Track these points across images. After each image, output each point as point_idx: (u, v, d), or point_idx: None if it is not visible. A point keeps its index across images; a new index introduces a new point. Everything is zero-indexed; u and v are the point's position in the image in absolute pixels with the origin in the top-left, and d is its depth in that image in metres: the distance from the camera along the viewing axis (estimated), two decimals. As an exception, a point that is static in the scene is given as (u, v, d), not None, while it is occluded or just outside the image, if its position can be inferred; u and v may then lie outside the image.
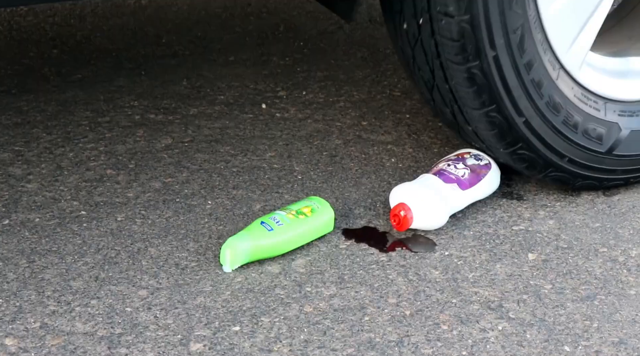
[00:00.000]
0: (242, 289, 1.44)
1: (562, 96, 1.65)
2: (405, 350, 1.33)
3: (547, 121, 1.64)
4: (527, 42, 1.58)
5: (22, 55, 2.42)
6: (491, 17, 1.52)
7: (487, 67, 1.56)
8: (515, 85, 1.59)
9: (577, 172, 1.71)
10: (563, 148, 1.67)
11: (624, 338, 1.37)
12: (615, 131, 1.71)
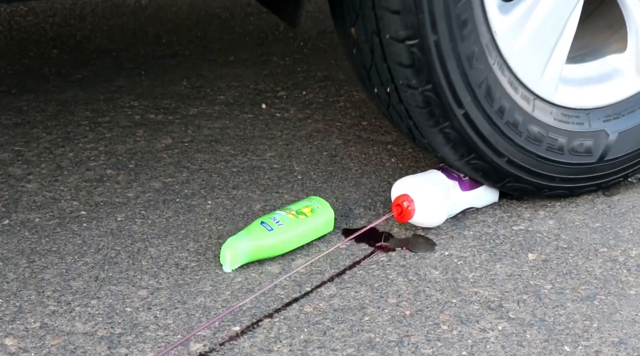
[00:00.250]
0: (242, 289, 1.44)
1: (542, 124, 1.64)
2: (405, 350, 1.33)
3: (531, 153, 1.63)
4: (494, 91, 1.57)
5: (22, 55, 2.42)
6: (454, 81, 1.51)
7: (459, 125, 1.56)
8: (491, 132, 1.58)
9: (568, 186, 1.72)
10: (553, 171, 1.67)
11: (624, 338, 1.37)
12: (603, 138, 1.70)
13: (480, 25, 1.52)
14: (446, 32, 1.47)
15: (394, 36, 1.47)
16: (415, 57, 1.48)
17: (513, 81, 1.60)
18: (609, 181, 1.75)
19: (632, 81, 1.74)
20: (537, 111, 1.63)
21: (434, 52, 1.48)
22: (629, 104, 1.74)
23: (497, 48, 1.56)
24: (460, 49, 1.49)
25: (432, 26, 1.46)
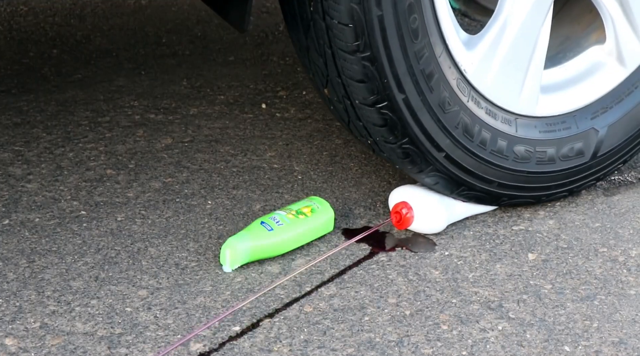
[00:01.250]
0: (242, 289, 1.44)
1: (528, 141, 1.63)
2: (405, 350, 1.33)
3: (521, 172, 1.63)
4: (472, 126, 1.56)
5: (22, 55, 2.42)
6: (429, 129, 1.51)
7: (442, 167, 1.56)
8: (477, 165, 1.58)
9: (566, 189, 1.72)
10: (547, 182, 1.67)
11: (624, 338, 1.37)
12: (592, 136, 1.69)
13: (448, 70, 1.51)
14: (413, 89, 1.47)
15: (363, 102, 1.48)
16: (387, 117, 1.49)
17: (491, 109, 1.58)
18: (607, 172, 1.75)
19: (616, 71, 1.72)
20: (521, 129, 1.62)
21: (405, 110, 1.48)
22: (615, 95, 1.72)
23: (469, 84, 1.55)
24: (430, 99, 1.49)
25: (398, 87, 1.46)
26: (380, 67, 1.44)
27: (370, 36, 1.41)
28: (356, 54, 1.43)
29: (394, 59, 1.44)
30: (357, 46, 1.42)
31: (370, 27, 1.41)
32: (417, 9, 1.44)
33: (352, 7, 1.39)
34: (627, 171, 1.87)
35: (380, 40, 1.42)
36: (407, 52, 1.44)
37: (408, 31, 1.44)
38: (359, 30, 1.41)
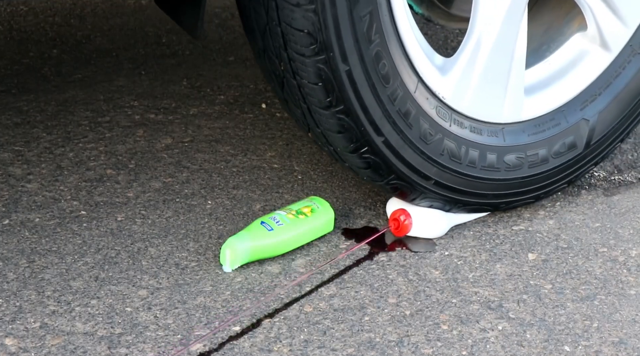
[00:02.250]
0: (242, 289, 1.44)
1: (518, 148, 1.62)
2: (405, 350, 1.33)
3: (515, 179, 1.63)
4: (458, 149, 1.55)
5: (22, 55, 2.42)
6: (414, 163, 1.52)
7: (433, 193, 1.56)
8: (467, 184, 1.58)
9: (563, 182, 1.71)
10: (542, 181, 1.66)
11: (624, 338, 1.37)
12: (583, 127, 1.68)
13: (425, 102, 1.50)
14: (392, 130, 1.48)
15: (344, 149, 1.49)
16: (369, 160, 1.50)
17: (475, 126, 1.58)
18: (604, 156, 1.73)
19: (601, 57, 1.69)
20: (509, 137, 1.61)
21: (386, 151, 1.49)
22: (603, 81, 1.69)
23: (449, 108, 1.54)
24: (411, 135, 1.49)
25: (376, 131, 1.46)
26: (355, 117, 1.44)
27: (341, 91, 1.41)
28: (330, 109, 1.44)
29: (368, 107, 1.44)
30: (330, 102, 1.42)
31: (339, 82, 1.41)
32: (384, 54, 1.43)
33: (319, 67, 1.39)
34: (627, 171, 1.87)
35: (352, 92, 1.42)
36: (380, 98, 1.44)
37: (378, 78, 1.43)
38: (329, 88, 1.41)
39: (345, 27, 1.38)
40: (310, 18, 1.36)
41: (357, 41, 1.39)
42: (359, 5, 1.37)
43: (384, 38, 1.42)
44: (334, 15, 1.36)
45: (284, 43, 1.40)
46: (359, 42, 1.39)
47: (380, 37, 1.42)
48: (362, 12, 1.38)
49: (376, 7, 1.40)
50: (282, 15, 1.37)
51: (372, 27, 1.40)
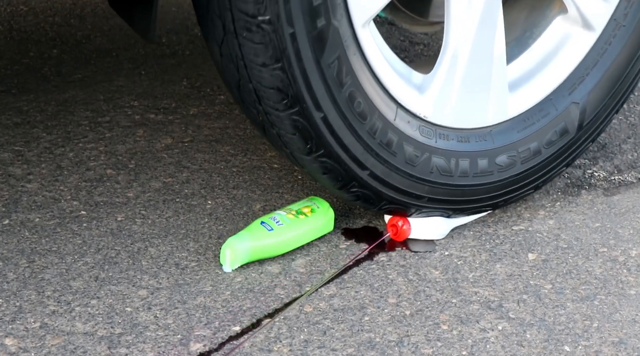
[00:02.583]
0: (242, 289, 1.44)
1: (509, 147, 1.60)
2: (405, 350, 1.33)
3: (510, 177, 1.62)
4: (446, 166, 1.54)
5: (22, 55, 2.42)
6: (397, 185, 1.52)
7: (427, 208, 1.57)
8: (462, 193, 1.58)
9: (559, 169, 1.69)
10: (538, 171, 1.65)
11: (624, 338, 1.37)
12: (574, 111, 1.65)
13: (407, 126, 1.50)
14: (376, 162, 1.48)
15: (333, 187, 1.50)
16: (358, 194, 1.51)
17: (462, 135, 1.57)
18: (599, 132, 1.70)
19: (585, 37, 1.65)
20: (498, 138, 1.60)
21: (373, 182, 1.50)
22: (589, 61, 1.66)
23: (433, 125, 1.53)
24: (396, 162, 1.50)
25: (360, 166, 1.47)
26: (337, 158, 1.45)
27: (319, 137, 1.42)
28: (311, 154, 1.44)
29: (349, 146, 1.44)
30: (310, 148, 1.43)
31: (316, 129, 1.41)
32: (358, 93, 1.43)
33: (294, 118, 1.39)
34: (627, 171, 1.87)
35: (330, 136, 1.42)
36: (359, 135, 1.44)
37: (355, 117, 1.43)
38: (307, 136, 1.41)
39: (315, 77, 1.37)
40: (279, 76, 1.36)
41: (328, 88, 1.39)
42: (326, 54, 1.37)
43: (355, 77, 1.42)
44: (301, 69, 1.35)
45: (258, 98, 1.40)
46: (331, 88, 1.39)
47: (352, 78, 1.41)
48: (329, 60, 1.37)
49: (344, 51, 1.39)
50: (251, 74, 1.37)
51: (342, 70, 1.40)
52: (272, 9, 1.30)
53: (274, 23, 1.31)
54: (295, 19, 1.32)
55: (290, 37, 1.33)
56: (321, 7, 1.34)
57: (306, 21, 1.33)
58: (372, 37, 1.45)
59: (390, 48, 1.53)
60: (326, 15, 1.35)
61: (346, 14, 1.38)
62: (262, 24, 1.32)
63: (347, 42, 1.39)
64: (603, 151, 1.92)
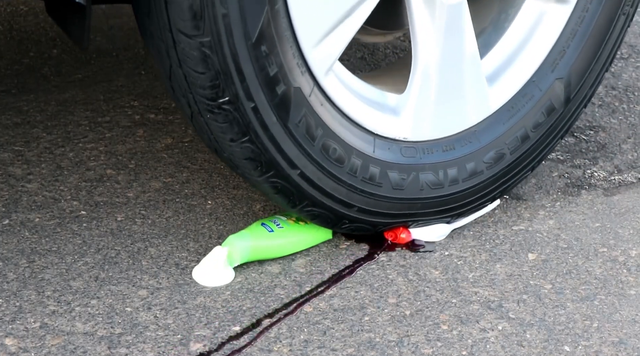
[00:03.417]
0: (242, 289, 1.44)
1: (496, 142, 1.58)
2: (405, 350, 1.33)
3: (499, 172, 1.60)
4: (437, 177, 1.53)
5: (22, 55, 2.42)
6: (396, 209, 1.53)
7: (425, 213, 1.56)
8: (453, 200, 1.57)
9: (549, 145, 1.65)
10: (530, 155, 1.62)
11: (624, 338, 1.37)
12: (558, 86, 1.61)
13: (387, 153, 1.49)
14: (362, 199, 1.48)
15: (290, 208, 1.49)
16: (352, 228, 1.53)
17: (447, 143, 1.54)
18: (588, 100, 1.65)
19: (560, 11, 1.60)
20: (484, 136, 1.58)
21: (365, 216, 1.50)
22: (568, 33, 1.61)
23: (415, 143, 1.52)
24: (383, 192, 1.50)
25: (348, 206, 1.47)
26: (322, 205, 1.46)
27: (300, 192, 1.44)
28: (297, 207, 1.45)
29: (331, 192, 1.45)
30: (294, 202, 1.44)
31: (296, 186, 1.43)
32: (332, 140, 1.42)
33: (272, 180, 1.41)
34: (627, 171, 1.87)
35: (311, 188, 1.44)
36: (340, 179, 1.45)
37: (332, 163, 1.43)
38: (288, 193, 1.43)
39: (285, 140, 1.38)
40: (249, 148, 1.37)
41: (300, 146, 1.39)
42: (292, 116, 1.37)
43: (326, 126, 1.41)
44: (270, 137, 1.36)
45: (235, 166, 1.43)
46: (303, 146, 1.39)
47: (323, 128, 1.41)
48: (296, 120, 1.37)
49: (309, 106, 1.39)
50: (223, 147, 1.39)
51: (311, 125, 1.39)
52: (230, 90, 1.31)
53: (234, 102, 1.32)
54: (254, 93, 1.32)
55: (252, 111, 1.33)
56: (278, 75, 1.34)
57: (266, 92, 1.33)
58: (337, 78, 1.44)
59: (359, 77, 1.51)
60: (285, 80, 1.35)
61: (307, 69, 1.37)
62: (223, 105, 1.32)
63: (312, 96, 1.39)
64: (603, 151, 1.92)
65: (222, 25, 1.26)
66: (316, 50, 1.37)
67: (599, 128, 2.00)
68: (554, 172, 1.84)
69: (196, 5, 1.25)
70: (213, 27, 1.26)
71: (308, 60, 1.37)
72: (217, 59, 1.28)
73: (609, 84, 2.20)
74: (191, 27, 1.27)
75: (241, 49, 1.29)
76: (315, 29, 1.35)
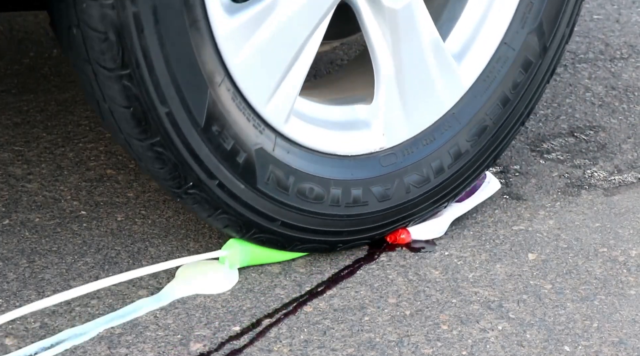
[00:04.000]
0: (242, 289, 1.44)
1: (476, 120, 1.53)
2: (405, 350, 1.33)
3: (485, 144, 1.56)
4: (422, 173, 1.51)
5: (22, 55, 2.42)
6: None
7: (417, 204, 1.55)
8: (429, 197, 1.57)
9: (528, 108, 1.61)
10: (514, 116, 1.57)
11: (624, 338, 1.37)
12: (532, 39, 1.52)
13: (366, 172, 1.48)
14: (351, 220, 1.48)
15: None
16: (339, 246, 1.52)
17: (426, 135, 1.52)
18: (569, 38, 1.58)
19: None
20: (464, 116, 1.53)
21: (357, 235, 1.51)
22: None
23: (394, 148, 1.49)
24: (373, 208, 1.49)
25: (337, 235, 1.49)
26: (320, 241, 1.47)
27: (288, 239, 1.46)
28: (246, 234, 1.44)
29: (318, 227, 1.46)
30: (250, 234, 1.44)
31: (285, 237, 1.45)
32: (309, 182, 1.42)
33: (256, 237, 1.42)
34: (627, 171, 1.87)
35: (298, 234, 1.46)
36: (325, 214, 1.45)
37: (312, 203, 1.43)
38: (243, 228, 1.43)
39: (257, 200, 1.38)
40: (225, 218, 1.39)
41: (274, 200, 1.40)
42: (259, 178, 1.37)
43: (298, 172, 1.41)
44: (243, 204, 1.38)
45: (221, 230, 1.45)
46: (277, 198, 1.40)
47: (295, 174, 1.40)
48: (264, 179, 1.37)
49: (275, 160, 1.38)
50: (206, 222, 1.42)
51: (281, 177, 1.39)
52: (191, 176, 1.32)
53: (198, 185, 1.33)
54: (215, 171, 1.33)
55: (218, 187, 1.35)
56: (236, 145, 1.34)
57: (227, 166, 1.34)
58: (299, 118, 1.43)
59: (321, 99, 1.50)
60: (244, 148, 1.34)
61: (265, 125, 1.36)
62: (188, 190, 1.34)
63: (276, 149, 1.38)
64: (603, 151, 1.92)
65: (167, 122, 1.27)
66: (270, 103, 1.36)
67: (599, 128, 2.01)
68: (554, 172, 1.84)
69: (138, 112, 1.26)
70: (159, 127, 1.27)
71: (264, 116, 1.36)
72: (171, 153, 1.30)
73: (609, 84, 2.20)
74: (139, 132, 1.28)
75: (192, 138, 1.29)
76: (265, 87, 1.34)
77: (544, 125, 2.01)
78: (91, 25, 1.20)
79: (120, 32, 1.19)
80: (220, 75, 1.29)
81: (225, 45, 1.28)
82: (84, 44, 1.23)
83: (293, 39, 1.35)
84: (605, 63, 2.30)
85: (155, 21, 1.20)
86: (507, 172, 1.81)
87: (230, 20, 1.28)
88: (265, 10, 1.31)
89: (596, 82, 2.21)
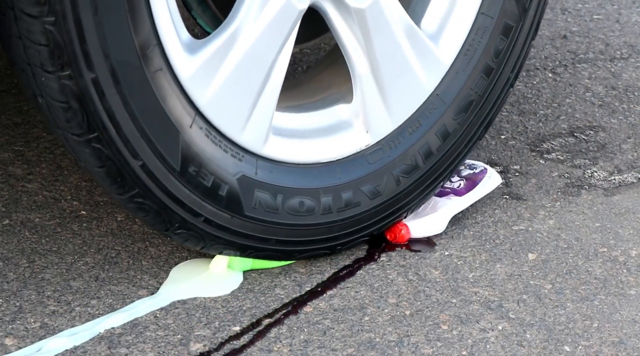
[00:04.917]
0: (242, 289, 1.44)
1: (461, 97, 1.51)
2: (405, 350, 1.33)
3: (475, 121, 1.54)
4: (410, 161, 1.50)
5: (22, 55, 2.42)
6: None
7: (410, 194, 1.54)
8: None
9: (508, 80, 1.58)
10: (505, 77, 1.54)
11: (624, 338, 1.37)
12: (510, 5, 1.48)
13: (358, 165, 1.47)
14: (346, 230, 1.49)
15: None
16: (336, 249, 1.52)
17: (412, 122, 1.50)
18: (545, 2, 1.54)
19: None
20: (447, 95, 1.49)
21: (352, 236, 1.51)
22: None
23: (379, 143, 1.48)
24: (364, 206, 1.48)
25: (330, 249, 1.49)
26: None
27: None
28: (241, 255, 1.45)
29: (310, 243, 1.47)
30: (246, 255, 1.45)
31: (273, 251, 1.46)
32: (300, 196, 1.42)
33: (221, 246, 1.42)
34: (627, 171, 1.87)
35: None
36: (318, 224, 1.45)
37: (301, 216, 1.43)
38: (238, 251, 1.44)
39: (247, 226, 1.39)
40: (221, 247, 1.41)
41: (265, 222, 1.40)
42: (245, 205, 1.37)
43: (286, 189, 1.40)
44: (234, 232, 1.39)
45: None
46: (268, 219, 1.40)
47: (283, 192, 1.40)
48: (251, 205, 1.37)
49: (260, 184, 1.38)
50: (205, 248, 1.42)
51: (268, 199, 1.39)
52: (176, 218, 1.33)
53: (183, 225, 1.35)
54: (200, 210, 1.34)
55: (205, 223, 1.36)
56: (216, 180, 1.34)
57: (211, 202, 1.34)
58: (279, 136, 1.42)
59: (299, 107, 1.49)
60: (225, 180, 1.34)
61: (245, 152, 1.36)
62: (176, 231, 1.36)
63: (259, 172, 1.38)
64: (603, 151, 1.92)
65: (142, 174, 1.28)
66: (246, 130, 1.35)
67: (599, 128, 2.01)
68: (554, 172, 1.84)
69: (112, 170, 1.26)
70: (135, 180, 1.28)
71: (242, 144, 1.35)
72: (152, 202, 1.31)
73: (609, 84, 2.20)
74: (116, 187, 1.29)
75: (170, 184, 1.30)
76: (238, 116, 1.34)
77: (544, 125, 2.01)
78: (53, 97, 1.20)
79: (81, 99, 1.20)
80: (190, 116, 1.29)
81: (191, 85, 1.28)
82: (50, 113, 1.24)
83: (262, 61, 1.34)
84: (605, 63, 2.30)
85: (115, 82, 1.20)
86: (507, 172, 1.81)
87: (193, 59, 1.27)
88: (229, 40, 1.30)
89: (596, 82, 2.20)
